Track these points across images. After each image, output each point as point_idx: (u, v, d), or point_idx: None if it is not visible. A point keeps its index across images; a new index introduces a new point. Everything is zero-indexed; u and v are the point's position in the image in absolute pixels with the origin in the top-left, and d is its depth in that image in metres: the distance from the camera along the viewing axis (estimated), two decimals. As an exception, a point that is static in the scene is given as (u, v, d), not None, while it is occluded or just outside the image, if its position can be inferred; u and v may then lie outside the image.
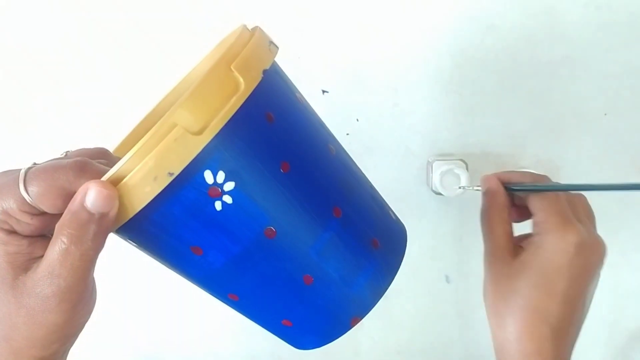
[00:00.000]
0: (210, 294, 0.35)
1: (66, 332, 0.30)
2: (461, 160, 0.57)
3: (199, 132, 0.27)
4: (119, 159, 0.34)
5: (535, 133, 0.58)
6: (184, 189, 0.28)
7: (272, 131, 0.30)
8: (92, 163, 0.29)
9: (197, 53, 0.40)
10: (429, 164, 0.58)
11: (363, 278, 0.33)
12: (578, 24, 0.57)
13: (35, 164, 0.30)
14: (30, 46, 0.59)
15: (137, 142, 0.27)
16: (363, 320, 0.35)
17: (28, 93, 0.60)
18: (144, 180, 0.27)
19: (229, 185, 0.28)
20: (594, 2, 0.56)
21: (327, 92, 0.59)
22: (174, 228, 0.29)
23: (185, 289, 0.63)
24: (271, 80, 0.31)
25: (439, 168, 0.55)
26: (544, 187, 0.40)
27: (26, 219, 0.28)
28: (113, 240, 0.31)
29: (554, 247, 0.38)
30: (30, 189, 0.28)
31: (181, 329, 0.64)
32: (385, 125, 0.59)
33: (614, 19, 0.56)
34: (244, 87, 0.28)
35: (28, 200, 0.28)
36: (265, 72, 0.30)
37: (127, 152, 0.38)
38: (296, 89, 0.35)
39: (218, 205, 0.28)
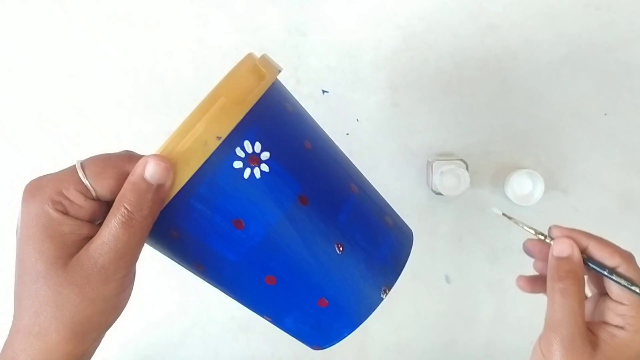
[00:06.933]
0: (246, 283, 0.36)
1: (107, 318, 0.32)
2: (461, 160, 0.57)
3: (239, 104, 0.32)
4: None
5: (535, 133, 0.58)
6: (228, 158, 0.32)
7: (292, 117, 0.36)
8: (137, 154, 0.33)
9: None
10: (429, 164, 0.58)
11: (385, 248, 0.37)
12: (578, 24, 0.57)
13: None
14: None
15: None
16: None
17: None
18: (195, 144, 0.31)
19: (265, 155, 0.33)
20: (594, 2, 0.56)
21: (327, 92, 0.59)
22: (218, 200, 0.33)
23: (186, 289, 0.63)
24: (282, 86, 0.38)
25: (439, 168, 0.55)
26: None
27: (80, 200, 0.31)
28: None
29: None
30: (87, 170, 0.31)
31: (181, 329, 0.64)
32: (385, 125, 0.59)
33: (614, 19, 0.56)
34: (267, 76, 0.35)
35: (84, 181, 0.31)
36: (279, 72, 0.36)
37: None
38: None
39: (257, 173, 0.33)
